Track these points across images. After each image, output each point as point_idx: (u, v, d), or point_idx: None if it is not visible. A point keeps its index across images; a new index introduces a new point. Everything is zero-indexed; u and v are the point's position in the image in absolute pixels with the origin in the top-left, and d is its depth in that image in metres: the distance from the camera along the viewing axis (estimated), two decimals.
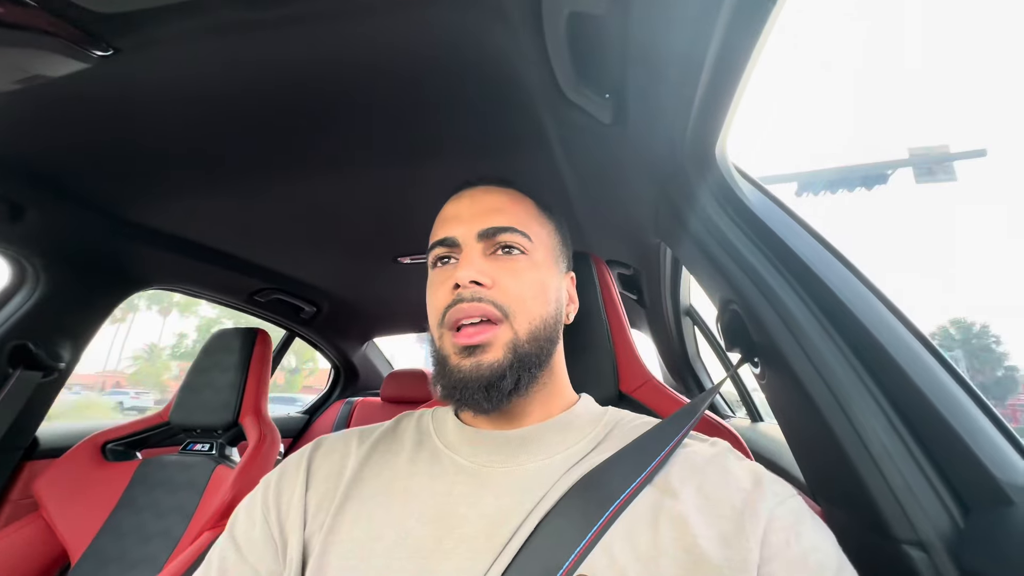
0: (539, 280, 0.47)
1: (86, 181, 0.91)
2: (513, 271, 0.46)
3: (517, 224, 0.47)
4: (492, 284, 0.44)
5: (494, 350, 0.43)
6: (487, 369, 0.42)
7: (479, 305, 0.43)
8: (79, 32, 0.50)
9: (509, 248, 0.47)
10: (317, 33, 0.57)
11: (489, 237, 0.46)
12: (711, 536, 0.35)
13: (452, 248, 0.47)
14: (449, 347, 0.44)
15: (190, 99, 0.69)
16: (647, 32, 0.45)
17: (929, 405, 0.41)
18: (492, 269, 0.45)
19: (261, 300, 1.58)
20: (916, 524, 0.39)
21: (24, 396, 1.06)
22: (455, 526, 0.39)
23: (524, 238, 0.47)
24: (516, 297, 0.44)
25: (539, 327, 0.45)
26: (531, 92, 0.65)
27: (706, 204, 0.61)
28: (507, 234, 0.46)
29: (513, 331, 0.44)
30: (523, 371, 0.43)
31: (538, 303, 0.46)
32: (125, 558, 0.94)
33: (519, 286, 0.45)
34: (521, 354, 0.43)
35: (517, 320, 0.44)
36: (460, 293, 0.44)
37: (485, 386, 0.42)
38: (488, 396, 0.42)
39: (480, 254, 0.46)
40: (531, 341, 0.44)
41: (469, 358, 0.43)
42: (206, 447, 1.13)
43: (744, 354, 0.61)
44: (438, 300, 0.46)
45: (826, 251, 0.53)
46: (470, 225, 0.47)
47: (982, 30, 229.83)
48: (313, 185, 0.97)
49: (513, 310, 0.44)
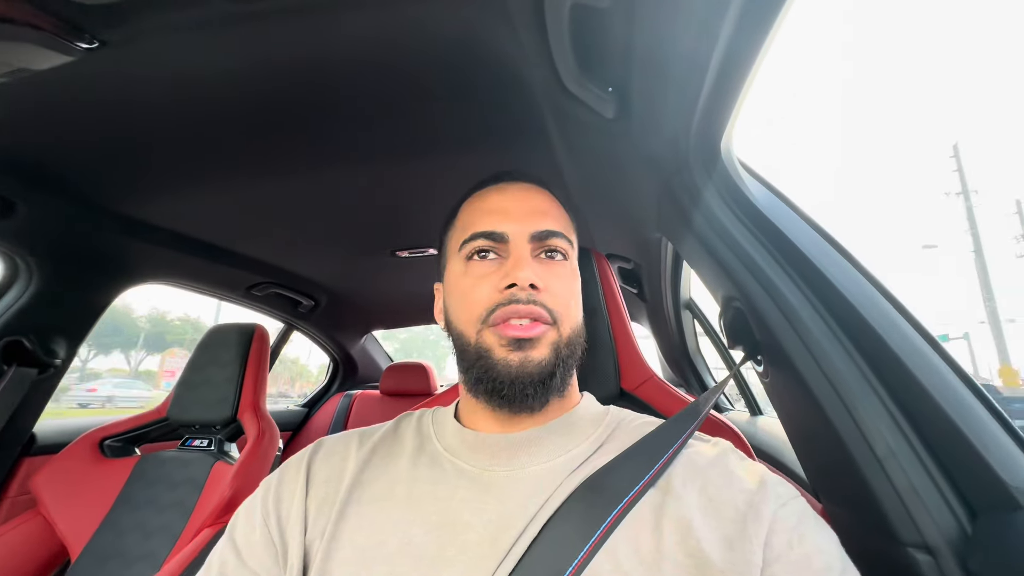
0: (576, 286, 0.48)
1: (77, 176, 0.89)
2: (560, 276, 0.46)
3: (564, 230, 0.48)
4: (544, 288, 0.44)
5: (541, 348, 0.43)
6: (536, 366, 0.42)
7: (534, 308, 0.43)
8: (63, 24, 0.48)
9: (554, 252, 0.47)
10: (311, 26, 0.55)
11: (540, 240, 0.46)
12: (714, 539, 0.35)
13: (498, 243, 0.46)
14: (493, 341, 0.43)
15: (181, 93, 0.67)
16: (653, 26, 0.44)
17: (936, 406, 0.40)
18: (543, 272, 0.45)
19: (259, 294, 1.57)
20: (922, 527, 0.39)
21: (20, 393, 1.05)
22: (458, 532, 0.39)
23: (568, 244, 0.48)
24: (563, 302, 0.45)
25: (576, 331, 0.46)
26: (532, 85, 0.64)
27: (710, 200, 0.59)
28: (556, 239, 0.47)
29: (559, 333, 0.44)
30: (565, 372, 0.44)
31: (576, 308, 0.47)
32: (125, 555, 0.94)
33: (565, 292, 0.46)
34: (563, 356, 0.44)
35: (563, 325, 0.44)
36: (515, 293, 0.43)
37: (536, 383, 0.42)
38: (537, 393, 0.42)
39: (529, 255, 0.46)
40: (569, 344, 0.45)
41: (518, 352, 0.42)
42: (205, 443, 1.13)
43: (747, 352, 0.60)
44: (481, 295, 0.44)
45: (832, 248, 0.52)
46: (522, 224, 0.46)
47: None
48: (309, 179, 0.96)
49: (560, 315, 0.44)
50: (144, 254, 1.18)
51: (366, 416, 2.05)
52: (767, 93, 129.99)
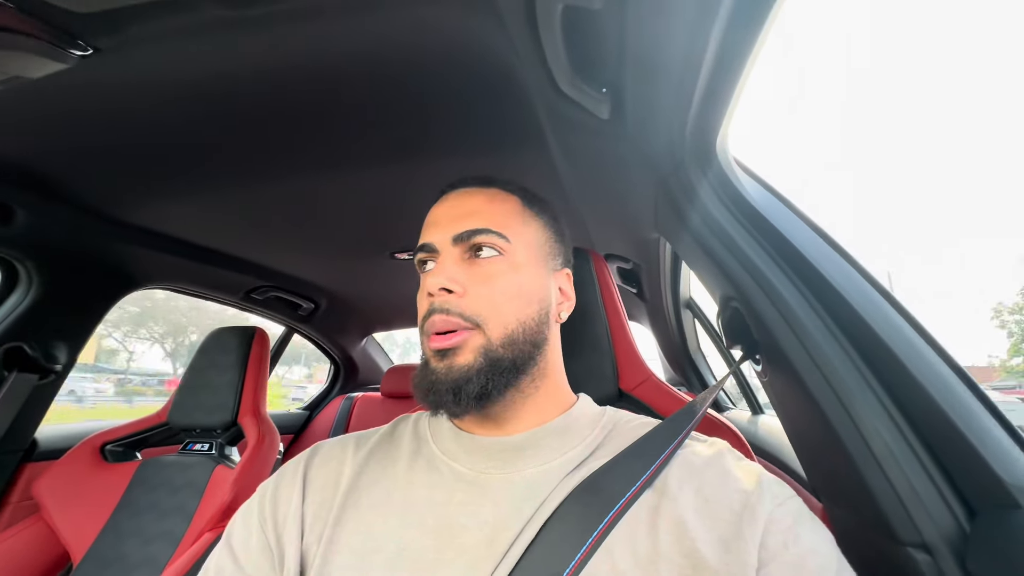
0: (516, 283, 0.45)
1: (75, 181, 0.90)
2: (486, 276, 0.44)
3: (492, 225, 0.46)
4: (464, 291, 0.44)
5: (464, 353, 0.42)
6: (456, 372, 0.42)
7: (448, 318, 0.43)
8: (56, 32, 0.48)
9: (479, 250, 0.46)
10: (306, 31, 0.55)
11: (463, 241, 0.45)
12: (710, 540, 0.35)
13: (431, 253, 0.47)
14: (427, 351, 0.44)
15: (178, 97, 0.67)
16: (646, 26, 0.44)
17: (934, 404, 0.40)
18: (464, 275, 0.44)
19: (258, 298, 1.58)
20: (920, 526, 0.39)
21: (21, 399, 1.06)
22: (455, 535, 0.39)
23: (500, 239, 0.45)
24: (488, 303, 0.43)
25: (516, 331, 0.44)
26: (526, 87, 0.63)
27: (706, 199, 0.59)
28: (481, 236, 0.45)
29: (486, 336, 0.43)
30: (494, 376, 0.42)
31: (514, 307, 0.45)
32: (127, 560, 0.94)
33: (491, 292, 0.44)
34: (493, 359, 0.42)
35: (490, 327, 0.43)
36: (432, 302, 0.44)
37: (452, 388, 0.42)
38: (456, 399, 0.42)
39: (456, 259, 0.45)
40: (506, 346, 0.43)
41: (443, 361, 0.43)
42: (205, 447, 1.13)
43: (746, 351, 0.60)
44: (421, 307, 0.46)
45: (828, 246, 0.52)
46: (446, 230, 0.46)
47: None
48: (307, 182, 0.96)
49: (484, 317, 0.43)
50: (143, 259, 1.18)
51: (368, 419, 2.05)
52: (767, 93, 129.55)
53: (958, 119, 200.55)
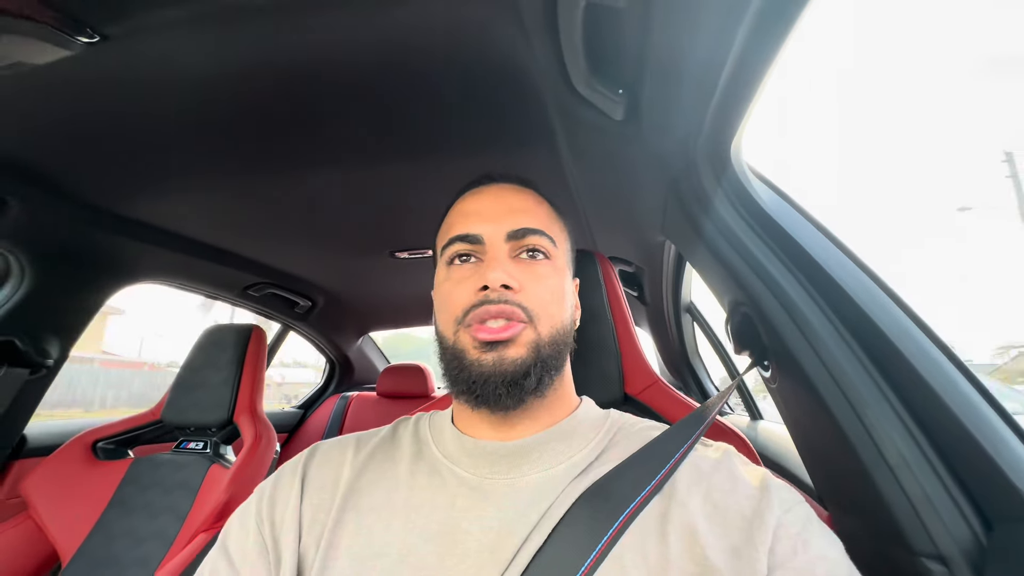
0: (560, 286, 0.46)
1: (71, 173, 0.88)
2: (539, 276, 0.45)
3: (544, 227, 0.46)
4: (520, 288, 0.43)
5: (517, 347, 0.42)
6: (510, 364, 0.41)
7: (505, 307, 0.42)
8: (61, 17, 0.47)
9: (534, 252, 0.46)
10: (315, 24, 0.55)
11: (517, 239, 0.45)
12: (721, 547, 0.35)
13: (475, 246, 0.45)
14: (467, 342, 0.43)
15: (181, 90, 0.66)
16: (669, 27, 0.43)
17: (949, 414, 0.40)
18: (519, 272, 0.44)
19: (255, 295, 1.56)
20: (935, 537, 0.39)
21: (11, 394, 1.03)
22: (458, 542, 0.38)
23: (549, 242, 0.46)
24: (540, 302, 0.44)
25: (559, 331, 0.45)
26: (539, 86, 0.63)
27: (718, 204, 0.59)
28: (535, 237, 0.45)
29: (536, 332, 0.43)
30: (544, 372, 0.42)
31: (559, 308, 0.45)
32: (118, 560, 0.92)
33: (543, 291, 0.44)
34: (543, 356, 0.42)
35: (540, 324, 0.43)
36: (487, 295, 0.42)
37: (509, 382, 0.41)
38: (510, 392, 0.41)
39: (507, 255, 0.45)
40: (551, 344, 0.43)
41: (491, 352, 0.41)
42: (200, 446, 1.11)
43: (754, 357, 0.59)
44: (459, 298, 0.44)
45: (842, 253, 0.52)
46: (498, 224, 0.45)
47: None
48: (309, 179, 0.95)
49: (537, 314, 0.43)
50: (139, 253, 1.16)
51: (362, 418, 2.03)
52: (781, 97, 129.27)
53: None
